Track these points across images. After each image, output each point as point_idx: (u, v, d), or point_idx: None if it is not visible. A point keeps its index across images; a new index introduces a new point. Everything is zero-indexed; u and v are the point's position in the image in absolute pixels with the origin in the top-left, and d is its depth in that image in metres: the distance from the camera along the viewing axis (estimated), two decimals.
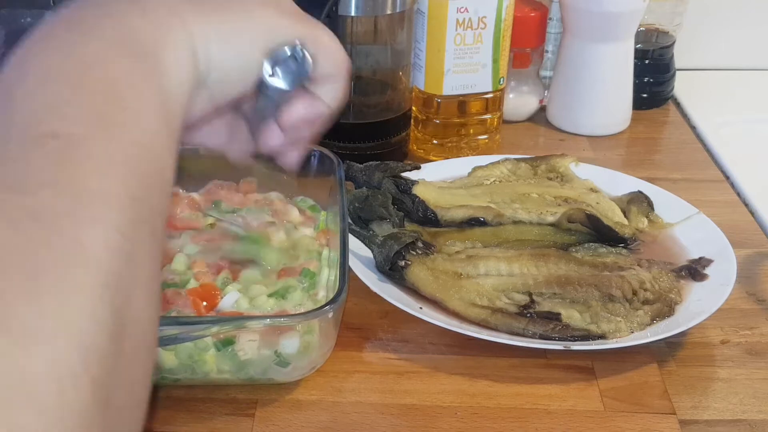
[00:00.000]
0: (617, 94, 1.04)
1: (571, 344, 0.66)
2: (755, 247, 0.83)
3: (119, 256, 0.28)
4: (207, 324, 0.57)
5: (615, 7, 0.96)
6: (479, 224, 0.80)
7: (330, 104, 0.46)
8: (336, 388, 0.65)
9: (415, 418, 0.62)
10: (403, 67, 0.94)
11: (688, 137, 1.06)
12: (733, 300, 0.72)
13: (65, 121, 0.30)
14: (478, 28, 0.91)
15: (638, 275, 0.72)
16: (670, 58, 1.11)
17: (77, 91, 0.32)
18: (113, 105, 0.32)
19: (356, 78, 0.95)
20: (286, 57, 0.41)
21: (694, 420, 0.63)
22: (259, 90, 0.42)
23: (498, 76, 0.95)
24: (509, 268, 0.73)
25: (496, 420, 0.62)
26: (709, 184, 0.95)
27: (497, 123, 0.99)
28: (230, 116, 0.48)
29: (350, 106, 0.95)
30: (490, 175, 0.88)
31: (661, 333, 0.67)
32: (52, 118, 0.30)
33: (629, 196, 0.85)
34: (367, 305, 0.72)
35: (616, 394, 0.65)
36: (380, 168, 0.84)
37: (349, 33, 0.91)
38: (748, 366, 0.68)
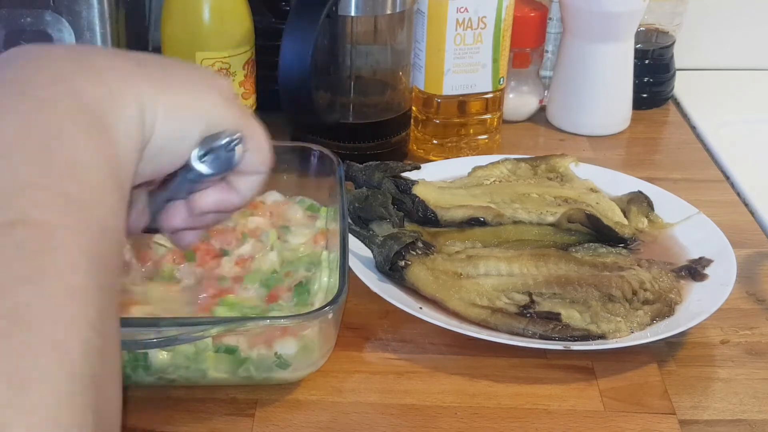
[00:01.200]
0: (617, 94, 1.04)
1: (571, 344, 0.66)
2: (755, 247, 0.83)
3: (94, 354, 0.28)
4: (207, 325, 0.57)
5: (615, 7, 0.96)
6: (479, 224, 0.80)
7: (245, 196, 0.45)
8: (336, 388, 0.65)
9: (415, 418, 0.62)
10: (403, 67, 0.94)
11: (688, 137, 1.06)
12: (733, 300, 0.72)
13: (35, 208, 0.29)
14: (478, 28, 0.91)
15: (638, 275, 0.72)
16: (670, 58, 1.11)
17: (43, 171, 0.31)
18: (78, 186, 0.31)
19: (356, 78, 0.95)
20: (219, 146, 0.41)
21: (694, 420, 0.63)
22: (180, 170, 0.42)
23: (498, 76, 0.95)
24: (509, 268, 0.73)
25: (496, 420, 0.62)
26: (709, 184, 0.95)
27: (497, 123, 0.99)
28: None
29: (350, 106, 0.95)
30: (490, 175, 0.88)
31: (661, 333, 0.67)
32: (21, 203, 0.29)
33: (629, 196, 0.85)
34: (367, 305, 0.72)
35: (616, 394, 0.65)
36: (380, 168, 0.84)
37: (349, 33, 0.91)
38: (748, 366, 0.68)
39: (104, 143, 0.33)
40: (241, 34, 0.85)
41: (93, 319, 0.29)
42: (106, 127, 0.34)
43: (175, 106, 0.38)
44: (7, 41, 0.78)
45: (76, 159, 0.32)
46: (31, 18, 0.77)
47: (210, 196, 0.44)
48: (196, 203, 0.44)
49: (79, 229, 0.30)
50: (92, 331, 0.29)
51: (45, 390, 0.26)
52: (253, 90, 0.89)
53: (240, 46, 0.85)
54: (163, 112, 0.37)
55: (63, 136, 0.32)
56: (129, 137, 0.35)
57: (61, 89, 0.34)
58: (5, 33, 0.78)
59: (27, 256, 0.28)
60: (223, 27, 0.84)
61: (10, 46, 0.77)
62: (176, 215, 0.45)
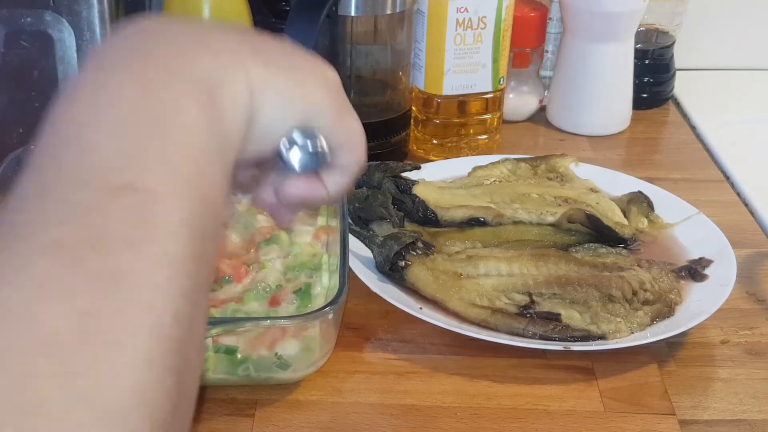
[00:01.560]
0: (617, 94, 1.03)
1: (571, 344, 0.66)
2: (755, 247, 0.83)
3: (183, 323, 0.30)
4: (207, 326, 0.57)
5: (615, 7, 0.96)
6: (479, 224, 0.80)
7: (331, 192, 0.45)
8: (336, 389, 0.65)
9: (415, 419, 0.62)
10: (403, 67, 0.94)
11: (688, 137, 1.06)
12: (733, 300, 0.72)
13: (144, 174, 0.31)
14: (478, 28, 0.91)
15: (638, 276, 0.72)
16: (670, 58, 1.11)
17: (155, 141, 0.32)
18: (187, 158, 0.33)
19: (356, 78, 0.95)
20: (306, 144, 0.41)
21: (694, 420, 0.63)
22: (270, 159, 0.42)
23: (498, 76, 0.94)
24: (509, 268, 0.73)
25: (496, 420, 0.62)
26: (709, 184, 0.95)
27: (497, 123, 0.99)
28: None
29: None
30: (490, 175, 0.88)
31: (661, 333, 0.67)
32: (131, 169, 0.31)
33: (629, 196, 0.85)
34: (367, 305, 0.72)
35: (615, 395, 0.65)
36: (380, 168, 0.84)
37: (349, 33, 0.91)
38: (748, 366, 0.68)
39: (214, 119, 0.35)
40: None
41: (186, 288, 0.30)
42: (217, 103, 0.35)
43: (283, 90, 0.39)
44: (7, 41, 0.78)
45: (187, 131, 0.33)
46: (31, 18, 0.77)
47: (295, 186, 0.44)
48: (282, 191, 0.45)
49: (182, 198, 0.31)
50: (183, 298, 0.30)
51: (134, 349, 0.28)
52: None
53: None
54: (271, 94, 0.38)
55: (177, 109, 0.33)
56: (237, 114, 0.36)
57: (179, 63, 0.35)
58: (5, 33, 0.78)
59: (132, 220, 0.30)
60: None
61: (10, 46, 0.77)
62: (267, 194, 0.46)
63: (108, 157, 0.31)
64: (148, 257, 0.29)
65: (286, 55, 0.41)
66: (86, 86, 0.34)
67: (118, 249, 0.29)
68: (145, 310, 0.28)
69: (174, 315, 0.29)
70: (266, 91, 0.38)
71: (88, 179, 0.30)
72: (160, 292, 0.29)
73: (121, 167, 0.31)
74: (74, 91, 0.34)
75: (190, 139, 0.33)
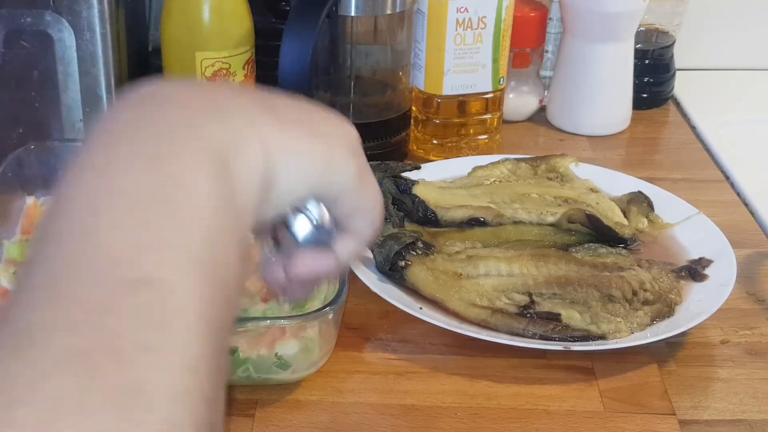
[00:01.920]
0: (617, 94, 1.03)
1: (571, 345, 0.66)
2: (755, 247, 0.83)
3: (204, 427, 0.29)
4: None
5: (615, 7, 0.96)
6: (479, 224, 0.80)
7: (343, 260, 0.43)
8: (336, 388, 0.65)
9: (415, 419, 0.62)
10: (403, 67, 0.94)
11: (688, 137, 1.06)
12: (733, 300, 0.72)
13: (157, 265, 0.30)
14: (478, 28, 0.91)
15: (638, 276, 0.72)
16: (670, 58, 1.11)
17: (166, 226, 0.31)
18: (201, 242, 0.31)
19: (356, 78, 0.95)
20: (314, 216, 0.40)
21: (694, 420, 0.63)
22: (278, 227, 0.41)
23: (498, 76, 0.94)
24: (509, 268, 0.73)
25: (496, 420, 0.62)
26: (709, 184, 0.95)
27: (497, 123, 0.99)
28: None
29: (350, 106, 0.95)
30: (490, 175, 0.88)
31: (661, 333, 0.67)
32: (143, 261, 0.30)
33: (629, 196, 0.85)
34: (367, 305, 0.72)
35: (615, 395, 0.65)
36: (380, 168, 0.84)
37: (349, 33, 0.91)
38: (748, 366, 0.68)
39: (228, 192, 0.33)
40: (241, 34, 0.85)
41: (206, 390, 0.29)
42: (230, 173, 0.34)
43: (301, 152, 0.37)
44: (6, 41, 0.78)
45: (200, 212, 0.32)
46: (31, 18, 0.77)
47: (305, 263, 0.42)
48: (290, 268, 0.43)
49: (198, 286, 0.30)
50: (203, 403, 0.29)
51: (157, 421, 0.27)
52: None
53: (240, 46, 0.85)
54: (289, 157, 0.36)
55: (188, 187, 0.32)
56: (251, 183, 0.35)
57: (188, 132, 0.34)
58: (5, 33, 0.78)
59: (147, 320, 0.28)
60: (223, 27, 0.84)
61: (10, 46, 0.77)
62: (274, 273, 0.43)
63: (118, 249, 0.30)
64: (166, 365, 0.28)
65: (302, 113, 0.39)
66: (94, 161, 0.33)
67: (135, 356, 0.28)
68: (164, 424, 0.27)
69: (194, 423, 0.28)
70: (284, 155, 0.36)
71: (100, 274, 0.29)
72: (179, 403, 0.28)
73: (132, 259, 0.30)
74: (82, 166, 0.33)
75: (203, 220, 0.32)
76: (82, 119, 0.82)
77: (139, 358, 0.28)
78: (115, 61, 0.81)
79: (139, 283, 0.29)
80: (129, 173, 0.32)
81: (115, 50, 0.81)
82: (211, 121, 0.34)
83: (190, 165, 0.32)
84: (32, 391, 0.26)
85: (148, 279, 0.29)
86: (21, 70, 0.79)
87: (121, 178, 0.32)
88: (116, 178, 0.32)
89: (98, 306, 0.28)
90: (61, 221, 0.31)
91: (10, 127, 0.82)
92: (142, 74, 0.96)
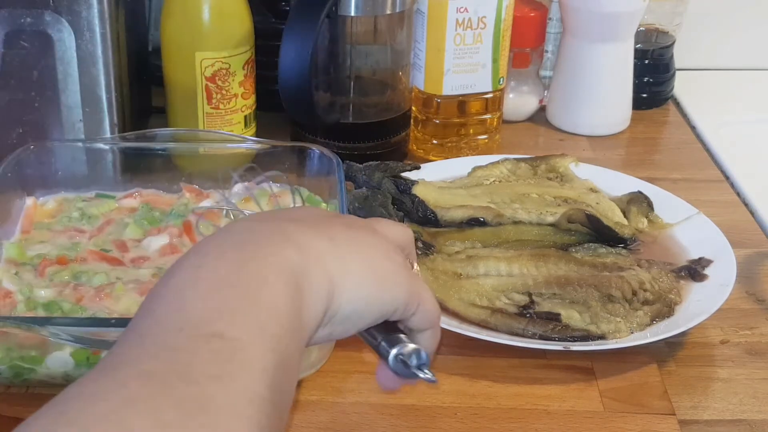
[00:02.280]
0: (617, 94, 1.03)
1: (571, 345, 0.66)
2: (755, 247, 0.83)
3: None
4: None
5: (615, 7, 0.96)
6: (479, 224, 0.80)
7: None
8: (336, 388, 0.65)
9: (415, 419, 0.62)
10: (402, 67, 0.94)
11: (688, 137, 1.06)
12: (733, 300, 0.72)
13: (232, 326, 0.35)
14: (478, 28, 0.91)
15: (638, 276, 0.72)
16: (670, 58, 1.11)
17: (244, 303, 0.37)
18: (272, 321, 0.37)
19: (356, 78, 0.95)
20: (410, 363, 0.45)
21: (694, 420, 0.63)
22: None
23: (498, 76, 0.94)
24: (509, 268, 0.73)
25: (496, 420, 0.62)
26: (709, 184, 0.95)
27: (497, 123, 0.99)
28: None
29: (350, 106, 0.95)
30: (489, 175, 0.88)
31: (660, 333, 0.67)
32: (220, 321, 0.35)
33: (629, 196, 0.85)
34: None
35: (615, 395, 0.65)
36: (380, 168, 0.85)
37: (349, 33, 0.91)
38: (748, 366, 0.68)
39: (297, 300, 0.39)
40: (241, 34, 0.85)
41: (263, 425, 0.33)
42: (301, 289, 0.39)
43: (359, 288, 0.43)
44: (6, 41, 0.78)
45: (273, 301, 0.37)
46: (31, 18, 0.77)
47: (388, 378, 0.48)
48: (377, 378, 0.50)
49: (266, 350, 0.35)
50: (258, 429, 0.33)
51: None
52: (253, 90, 0.89)
53: (240, 46, 0.85)
54: (348, 292, 0.42)
55: (265, 283, 0.38)
56: (317, 304, 0.41)
57: (271, 251, 0.40)
58: (5, 33, 0.78)
59: (218, 360, 0.33)
60: (222, 27, 0.84)
61: (10, 46, 0.77)
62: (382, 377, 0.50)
63: (200, 312, 0.36)
64: (231, 391, 0.32)
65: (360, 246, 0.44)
66: (184, 264, 0.39)
67: (204, 381, 0.32)
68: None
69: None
70: (344, 289, 0.42)
71: (182, 327, 0.35)
72: (240, 422, 0.32)
73: (212, 319, 0.35)
74: (173, 269, 0.39)
75: (275, 308, 0.37)
76: (81, 119, 0.82)
77: (207, 382, 0.32)
78: (115, 61, 0.81)
79: (214, 336, 0.34)
80: (216, 269, 0.38)
81: (115, 50, 0.81)
82: (288, 247, 0.40)
83: (269, 269, 0.39)
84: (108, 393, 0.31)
85: (222, 334, 0.34)
86: (21, 70, 0.79)
87: (209, 271, 0.38)
88: (203, 272, 0.38)
89: (176, 347, 0.34)
90: (154, 301, 0.37)
91: (10, 127, 0.82)
92: (142, 74, 0.96)
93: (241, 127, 0.89)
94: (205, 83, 0.85)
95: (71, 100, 0.81)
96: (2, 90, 0.80)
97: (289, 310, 0.38)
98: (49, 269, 0.69)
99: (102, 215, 0.77)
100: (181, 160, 0.83)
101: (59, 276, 0.68)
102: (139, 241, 0.73)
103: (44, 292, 0.66)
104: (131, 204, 0.78)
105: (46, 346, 0.60)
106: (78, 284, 0.67)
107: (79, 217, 0.76)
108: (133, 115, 0.89)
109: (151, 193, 0.80)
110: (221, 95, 0.86)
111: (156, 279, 0.68)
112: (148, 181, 0.80)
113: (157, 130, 0.81)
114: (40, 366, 0.60)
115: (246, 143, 0.83)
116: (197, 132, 0.87)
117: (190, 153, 0.83)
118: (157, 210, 0.77)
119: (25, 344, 0.60)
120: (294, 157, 0.80)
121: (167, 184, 0.80)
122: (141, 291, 0.66)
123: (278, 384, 0.35)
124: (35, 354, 0.60)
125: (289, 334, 0.37)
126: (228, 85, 0.86)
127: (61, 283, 0.68)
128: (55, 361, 0.60)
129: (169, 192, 0.80)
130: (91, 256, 0.71)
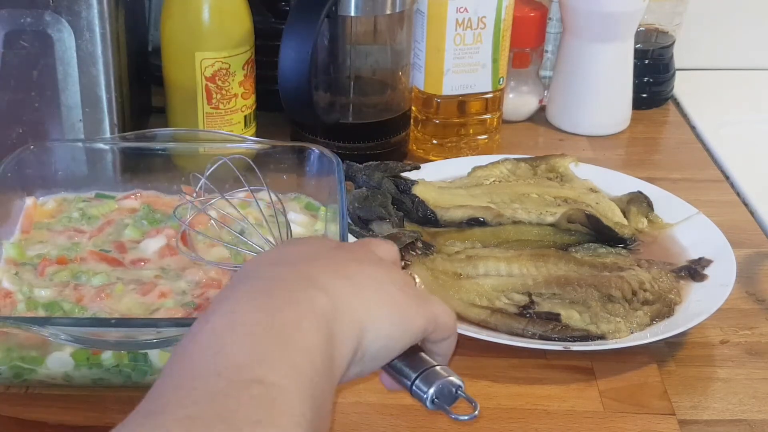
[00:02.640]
0: (617, 94, 1.03)
1: (571, 345, 0.66)
2: (755, 247, 0.83)
3: None
4: None
5: (615, 7, 0.96)
6: (479, 224, 0.80)
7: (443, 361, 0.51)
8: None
9: (415, 419, 0.62)
10: (402, 67, 0.94)
11: (688, 137, 1.06)
12: (733, 300, 0.72)
13: (271, 372, 0.36)
14: (478, 28, 0.91)
15: (638, 276, 0.72)
16: (670, 58, 1.11)
17: (280, 348, 0.38)
18: (308, 365, 0.38)
19: (356, 78, 0.95)
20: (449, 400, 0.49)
21: (694, 420, 0.63)
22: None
23: (498, 76, 0.94)
24: (509, 268, 0.73)
25: (496, 420, 0.62)
26: (709, 184, 0.95)
27: (497, 123, 0.99)
28: None
29: (350, 106, 0.95)
30: (489, 175, 0.88)
31: (660, 333, 0.67)
32: (259, 367, 0.36)
33: (629, 196, 0.85)
34: None
35: (615, 395, 0.65)
36: (380, 168, 0.85)
37: (349, 33, 0.91)
38: (748, 366, 0.68)
39: (328, 343, 0.41)
40: (241, 34, 0.85)
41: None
42: (332, 333, 0.41)
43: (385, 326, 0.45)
44: (6, 41, 0.78)
45: (307, 345, 0.39)
46: (31, 18, 0.77)
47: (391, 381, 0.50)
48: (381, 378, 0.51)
49: (304, 395, 0.36)
50: None
51: None
52: (252, 90, 0.89)
53: (240, 46, 0.85)
54: (375, 331, 0.44)
55: (299, 328, 0.39)
56: (347, 346, 0.42)
57: (302, 296, 0.41)
58: (5, 33, 0.78)
59: (259, 405, 0.35)
60: (222, 27, 0.84)
61: (10, 46, 0.77)
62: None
63: (239, 358, 0.37)
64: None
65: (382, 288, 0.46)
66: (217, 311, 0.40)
67: (246, 426, 0.33)
68: None
69: None
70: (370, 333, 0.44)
71: (221, 372, 0.36)
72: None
73: (251, 364, 0.36)
74: (207, 315, 0.40)
75: (310, 352, 0.39)
76: (81, 119, 0.82)
77: (249, 427, 0.33)
78: (115, 61, 0.81)
79: (254, 381, 0.35)
80: (250, 316, 0.39)
81: (115, 50, 0.81)
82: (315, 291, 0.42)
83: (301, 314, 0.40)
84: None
85: (262, 380, 0.36)
86: (21, 70, 0.79)
87: (244, 318, 0.39)
88: (238, 317, 0.39)
89: (217, 392, 0.35)
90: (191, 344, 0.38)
91: (10, 127, 0.82)
92: (142, 74, 0.96)
93: (241, 127, 0.89)
94: (205, 83, 0.85)
95: (71, 100, 0.81)
96: (2, 90, 0.80)
97: (323, 354, 0.40)
98: (49, 269, 0.69)
99: (102, 216, 0.77)
100: (181, 160, 0.83)
101: (59, 276, 0.68)
102: (137, 242, 0.73)
103: (44, 292, 0.66)
104: (131, 205, 0.78)
105: (46, 346, 0.60)
106: (78, 284, 0.67)
107: (79, 217, 0.76)
108: (133, 115, 0.89)
109: (151, 195, 0.80)
110: (221, 95, 0.86)
111: (158, 280, 0.68)
112: (148, 181, 0.80)
113: (157, 130, 0.81)
114: (40, 366, 0.60)
115: (246, 143, 0.83)
116: (197, 132, 0.87)
117: (190, 153, 0.83)
118: (159, 212, 0.77)
119: (25, 344, 0.60)
120: (294, 157, 0.80)
121: (167, 185, 0.80)
122: (142, 291, 0.66)
123: (315, 428, 0.36)
124: (35, 354, 0.60)
125: (324, 377, 0.39)
126: (228, 85, 0.86)
127: (61, 283, 0.68)
128: (55, 361, 0.60)
129: (169, 193, 0.80)
130: (91, 256, 0.71)
